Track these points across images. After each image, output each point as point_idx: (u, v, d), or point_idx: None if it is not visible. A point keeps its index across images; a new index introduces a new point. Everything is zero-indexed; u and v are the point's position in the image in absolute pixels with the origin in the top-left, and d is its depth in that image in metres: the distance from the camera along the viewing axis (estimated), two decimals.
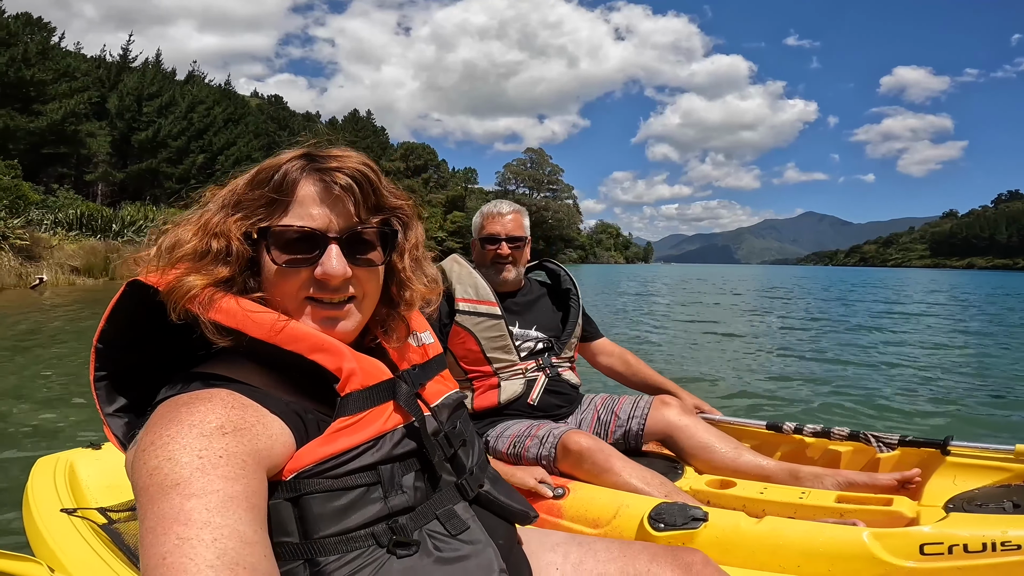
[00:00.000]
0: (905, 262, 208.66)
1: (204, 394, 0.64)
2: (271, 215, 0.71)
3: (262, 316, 0.69)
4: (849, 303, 16.20)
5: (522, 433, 1.78)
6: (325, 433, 0.67)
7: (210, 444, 0.58)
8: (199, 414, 0.61)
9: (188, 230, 0.72)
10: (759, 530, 1.31)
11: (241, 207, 0.72)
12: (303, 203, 0.71)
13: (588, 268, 77.83)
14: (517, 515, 0.86)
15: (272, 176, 0.71)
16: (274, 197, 0.71)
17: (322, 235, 0.71)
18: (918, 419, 4.06)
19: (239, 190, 0.73)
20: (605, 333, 2.26)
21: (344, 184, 0.72)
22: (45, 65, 29.26)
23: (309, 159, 0.73)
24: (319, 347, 0.69)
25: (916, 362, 6.43)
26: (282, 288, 0.72)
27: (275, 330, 0.68)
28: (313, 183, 0.72)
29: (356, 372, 0.70)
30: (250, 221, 0.71)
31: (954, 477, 1.57)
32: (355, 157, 0.74)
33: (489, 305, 1.90)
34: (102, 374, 0.73)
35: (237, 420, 0.62)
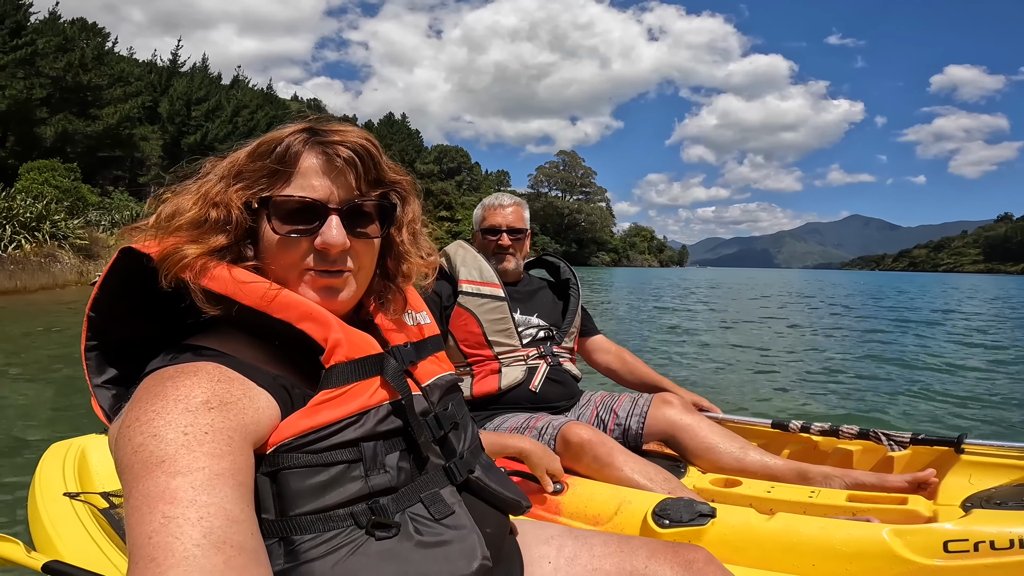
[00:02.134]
0: (957, 267, 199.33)
1: (190, 367, 0.63)
2: (272, 185, 0.72)
3: (254, 284, 0.69)
4: (886, 307, 15.72)
5: (520, 425, 1.75)
6: (307, 405, 0.66)
7: (196, 420, 0.58)
8: (184, 388, 0.60)
9: (188, 199, 0.72)
10: (771, 527, 1.25)
11: (242, 177, 0.72)
12: (305, 174, 0.72)
13: (620, 271, 77.04)
14: (509, 504, 0.85)
15: (275, 148, 0.72)
16: (276, 168, 0.72)
17: (323, 206, 0.72)
18: (930, 419, 4.00)
19: (240, 161, 0.73)
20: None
21: (346, 157, 0.73)
22: (101, 70, 30.78)
23: (312, 132, 0.74)
24: (307, 315, 0.69)
25: (936, 364, 6.30)
26: (282, 258, 0.72)
27: (266, 298, 0.68)
28: (316, 155, 0.73)
29: (342, 343, 0.70)
30: (251, 191, 0.72)
31: (970, 476, 1.52)
32: (356, 131, 0.76)
33: (493, 287, 1.90)
34: (93, 343, 0.73)
35: (223, 394, 0.61)
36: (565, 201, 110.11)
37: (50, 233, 15.30)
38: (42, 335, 7.41)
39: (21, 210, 14.89)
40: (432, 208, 68.85)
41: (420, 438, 0.73)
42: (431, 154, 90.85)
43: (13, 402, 4.10)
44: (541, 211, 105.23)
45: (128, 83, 32.90)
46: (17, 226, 14.40)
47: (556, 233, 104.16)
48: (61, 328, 7.84)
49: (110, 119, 29.65)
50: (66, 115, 28.07)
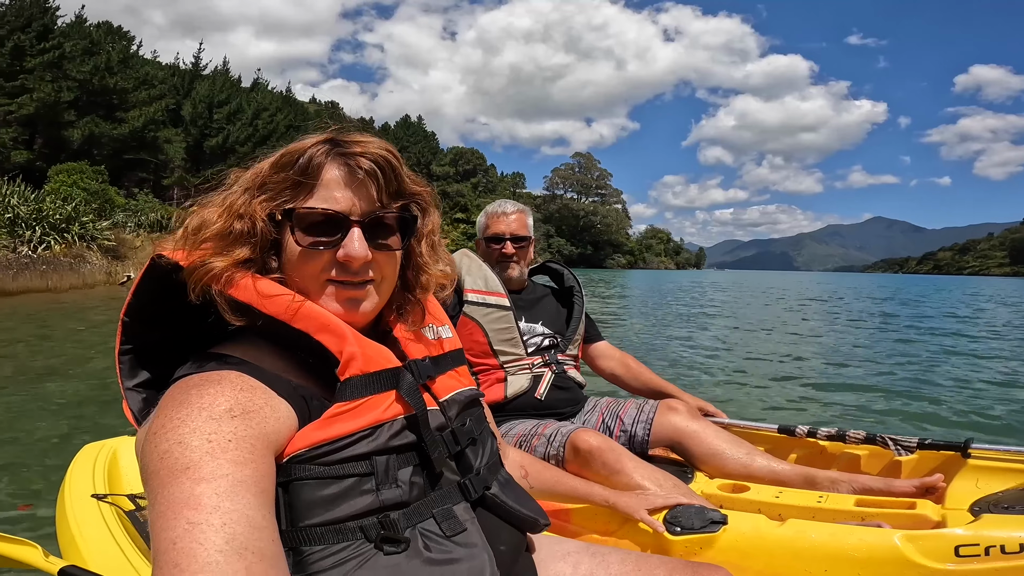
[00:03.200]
0: (983, 270, 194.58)
1: (214, 376, 0.64)
2: (296, 197, 0.73)
3: (278, 296, 0.70)
4: (902, 310, 15.49)
5: (528, 432, 1.74)
6: (321, 417, 0.67)
7: (219, 427, 0.59)
8: (209, 396, 0.61)
9: (213, 211, 0.73)
10: (782, 533, 1.25)
11: (266, 189, 0.73)
12: (328, 186, 0.73)
13: (636, 273, 76.61)
14: (525, 521, 0.83)
15: (297, 159, 0.73)
16: (300, 180, 0.72)
17: (345, 218, 0.72)
18: (937, 423, 3.95)
19: (264, 172, 0.74)
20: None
21: (368, 169, 0.73)
22: (126, 73, 31.57)
23: (333, 144, 0.74)
24: (325, 327, 0.70)
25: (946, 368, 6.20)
26: (304, 269, 0.73)
27: (290, 310, 0.69)
28: (338, 167, 0.73)
29: (357, 356, 0.70)
30: (275, 203, 0.73)
31: (977, 480, 1.52)
32: (377, 143, 0.76)
33: (498, 296, 1.90)
34: (127, 348, 0.75)
35: (246, 402, 0.62)
36: (581, 203, 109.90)
37: (79, 234, 15.76)
38: (84, 333, 7.64)
39: (51, 212, 15.36)
40: (448, 210, 69.20)
41: (434, 453, 0.72)
42: (447, 156, 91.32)
43: (56, 401, 4.23)
44: (557, 213, 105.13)
45: (152, 86, 33.69)
46: (47, 227, 14.85)
47: (572, 235, 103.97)
48: (96, 326, 8.04)
49: (135, 122, 30.35)
50: (93, 118, 28.79)
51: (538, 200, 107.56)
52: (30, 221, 14.67)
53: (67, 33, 29.68)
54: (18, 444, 3.27)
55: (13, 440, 3.35)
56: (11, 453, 3.11)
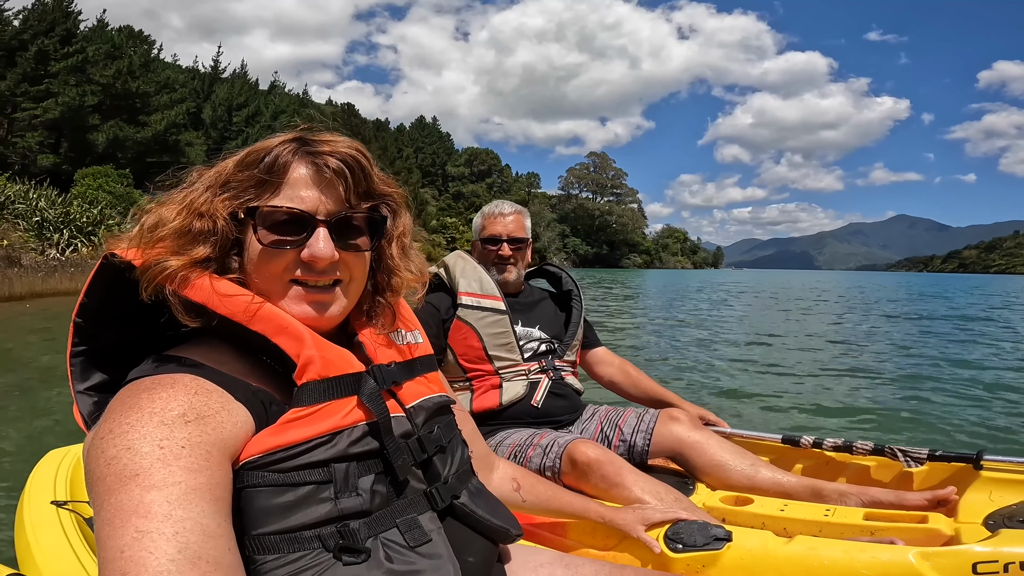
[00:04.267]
0: (1010, 268, 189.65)
1: (167, 379, 0.62)
2: (260, 195, 0.71)
3: (236, 297, 0.68)
4: (920, 311, 15.04)
5: (524, 442, 1.69)
6: (276, 423, 0.65)
7: (172, 433, 0.57)
8: (160, 401, 0.59)
9: (172, 209, 0.71)
10: (790, 551, 1.18)
11: (229, 187, 0.72)
12: (294, 185, 0.71)
13: (652, 273, 75.99)
14: (496, 532, 0.82)
15: (263, 157, 0.71)
16: (265, 178, 0.71)
17: (311, 217, 0.71)
18: (948, 433, 3.83)
19: (228, 171, 0.72)
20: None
21: (335, 168, 0.72)
22: (148, 77, 32.15)
23: (301, 142, 0.73)
24: (283, 329, 0.68)
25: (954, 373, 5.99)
26: (267, 269, 0.71)
27: (248, 311, 0.67)
28: (305, 166, 0.72)
29: (315, 361, 0.68)
30: (238, 201, 0.71)
31: (990, 492, 1.46)
32: (346, 142, 0.75)
33: (493, 300, 1.84)
34: (80, 349, 0.72)
35: (200, 407, 0.60)
36: (596, 203, 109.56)
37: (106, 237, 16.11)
38: None
39: (78, 215, 15.72)
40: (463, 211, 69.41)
41: (397, 461, 0.70)
42: (462, 157, 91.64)
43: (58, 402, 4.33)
44: (572, 213, 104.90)
45: (173, 89, 34.30)
46: (74, 230, 15.21)
47: (587, 235, 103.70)
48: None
49: (158, 125, 30.89)
50: (117, 122, 29.40)
51: (553, 200, 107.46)
52: (58, 224, 15.04)
53: (89, 37, 30.34)
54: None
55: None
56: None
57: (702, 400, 4.51)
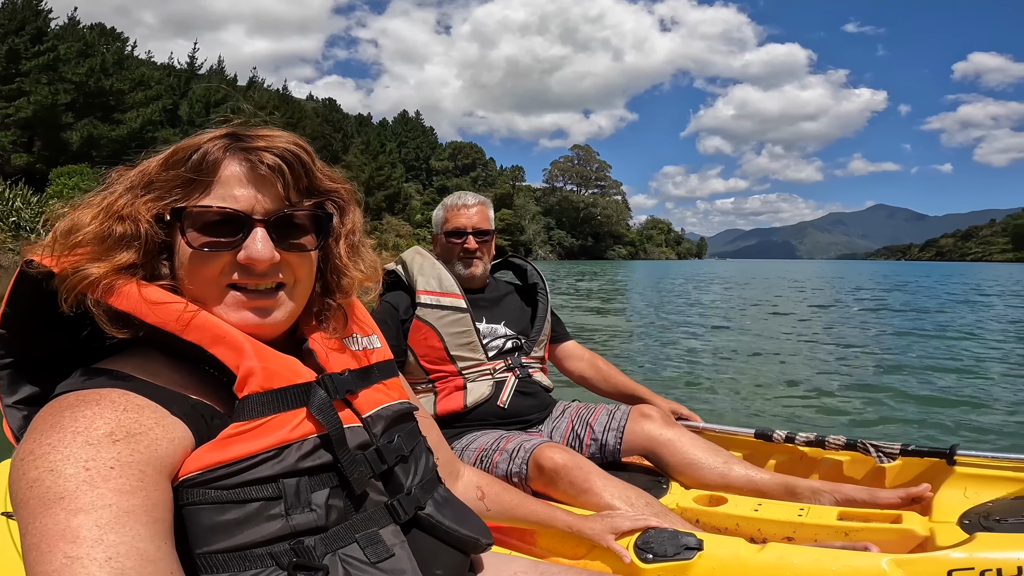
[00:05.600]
0: (985, 256, 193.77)
1: (92, 395, 0.58)
2: (188, 196, 0.67)
3: (167, 305, 0.64)
4: (895, 300, 15.19)
5: (490, 446, 1.63)
6: (217, 438, 0.61)
7: (98, 453, 0.54)
8: (84, 419, 0.55)
9: (88, 213, 0.66)
10: (762, 559, 1.16)
11: (153, 188, 0.67)
12: (226, 183, 0.67)
13: (637, 264, 76.55)
14: (466, 542, 0.79)
15: (190, 155, 0.67)
16: (192, 177, 0.66)
17: (246, 217, 0.67)
18: (921, 425, 3.81)
19: (152, 170, 0.68)
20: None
21: (272, 164, 0.68)
22: (122, 75, 31.61)
23: (233, 138, 0.69)
24: (220, 339, 0.64)
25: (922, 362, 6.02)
26: (200, 274, 0.67)
27: (181, 320, 0.63)
28: (238, 163, 0.68)
29: (256, 372, 0.64)
30: (163, 202, 0.66)
31: (965, 489, 1.45)
32: (285, 137, 0.71)
33: (453, 298, 1.77)
34: (7, 361, 0.68)
35: (130, 425, 0.56)
36: (580, 195, 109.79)
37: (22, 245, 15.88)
38: None
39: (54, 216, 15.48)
40: None
41: (353, 475, 0.67)
42: (445, 151, 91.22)
43: None
44: (556, 206, 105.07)
45: (148, 87, 33.72)
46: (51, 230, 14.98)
47: (572, 227, 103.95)
48: None
49: (133, 123, 30.40)
50: (91, 120, 28.86)
51: (538, 193, 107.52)
52: (34, 224, 14.79)
53: (61, 36, 29.72)
54: None
55: None
56: None
57: (673, 392, 4.53)
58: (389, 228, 54.42)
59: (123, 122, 30.32)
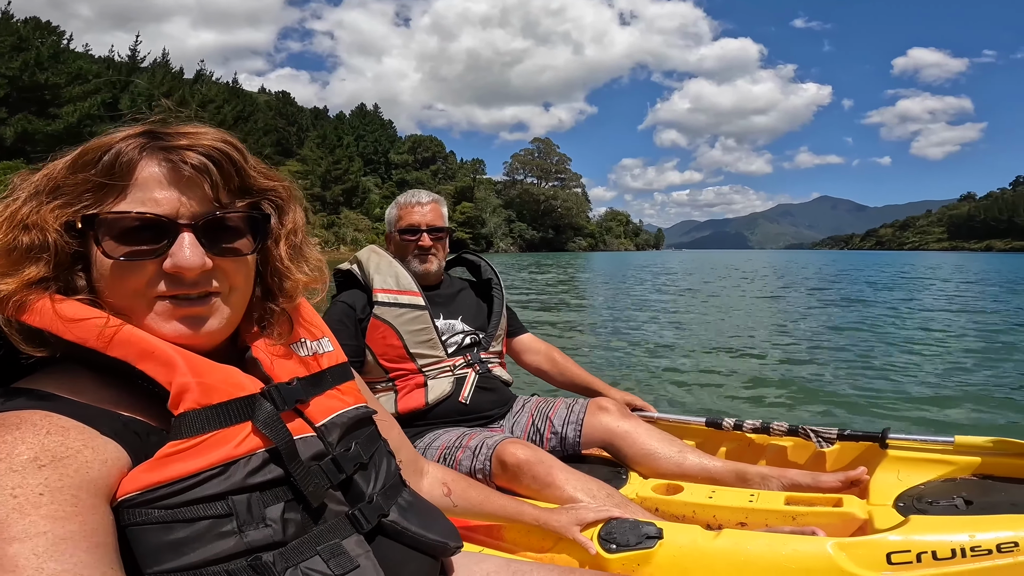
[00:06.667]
0: (922, 245, 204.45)
1: (11, 418, 0.55)
2: (101, 201, 0.61)
3: (85, 320, 0.59)
4: (835, 289, 15.70)
5: (453, 444, 1.65)
6: (153, 457, 0.58)
7: (24, 480, 0.51)
8: (6, 445, 0.52)
9: None
10: (718, 546, 1.23)
11: (61, 193, 0.61)
12: (144, 186, 0.62)
13: (598, 256, 77.39)
14: (434, 547, 0.77)
15: (100, 156, 0.61)
16: (103, 181, 0.61)
17: (170, 222, 0.62)
18: (858, 409, 3.90)
19: (58, 174, 0.62)
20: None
21: (197, 164, 0.63)
22: (58, 68, 30.13)
23: (151, 136, 0.63)
24: (148, 354, 0.60)
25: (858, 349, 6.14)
26: (122, 286, 0.62)
27: (103, 336, 0.59)
28: (157, 163, 0.62)
29: (191, 388, 0.60)
30: (72, 209, 0.61)
31: (898, 472, 1.55)
32: (212, 134, 0.66)
33: (411, 295, 1.78)
34: None
35: (56, 448, 0.53)
36: (541, 188, 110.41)
37: None
38: None
39: None
40: None
41: (308, 488, 0.65)
42: (405, 144, 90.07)
43: None
44: (517, 198, 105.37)
45: (87, 80, 32.22)
46: None
47: (533, 220, 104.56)
48: None
49: (70, 118, 29.08)
50: (25, 115, 27.46)
51: (498, 186, 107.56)
52: None
53: None
54: None
55: None
56: None
57: (625, 383, 4.68)
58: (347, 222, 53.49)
59: (59, 116, 28.86)
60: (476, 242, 79.42)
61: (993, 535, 1.16)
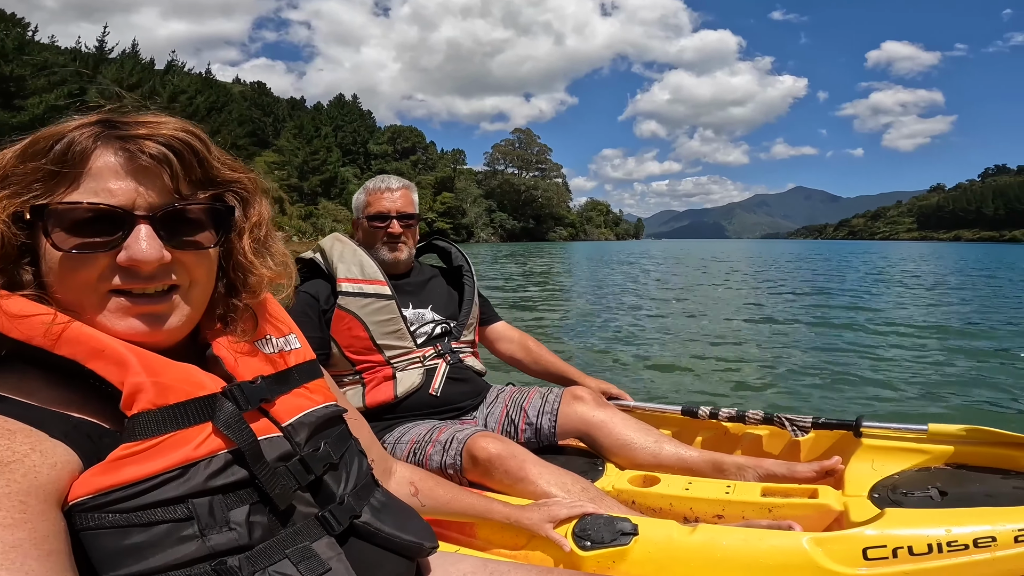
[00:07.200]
0: (893, 235, 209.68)
1: None
2: (51, 191, 0.59)
3: (31, 317, 0.57)
4: (807, 277, 16.07)
5: (423, 438, 1.60)
6: (106, 460, 0.55)
7: None
8: None
9: None
10: (694, 541, 1.21)
11: (8, 183, 0.59)
12: (99, 176, 0.59)
13: (578, 245, 77.78)
14: (409, 548, 0.75)
15: (52, 145, 0.59)
16: (54, 170, 0.59)
17: (126, 213, 0.60)
18: (832, 399, 3.91)
19: (6, 163, 0.60)
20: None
21: (156, 153, 0.60)
22: (23, 60, 29.36)
23: (107, 125, 0.61)
24: (99, 353, 0.58)
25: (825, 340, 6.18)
26: (73, 280, 0.59)
27: (50, 333, 0.57)
28: (113, 153, 0.60)
29: (146, 388, 0.58)
30: (21, 199, 0.59)
31: (872, 461, 1.54)
32: (172, 123, 0.63)
33: (377, 284, 1.71)
34: None
35: (2, 453, 0.51)
36: (522, 178, 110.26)
37: None
38: None
39: None
40: None
41: (274, 490, 0.63)
42: (384, 134, 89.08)
43: None
44: (498, 188, 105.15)
45: (53, 72, 31.35)
46: None
47: (514, 210, 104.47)
48: None
49: (36, 109, 28.31)
50: None
51: (479, 176, 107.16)
52: None
53: None
54: None
55: None
56: None
57: (595, 367, 4.69)
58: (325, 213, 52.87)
59: (25, 108, 28.01)
60: (457, 232, 79.06)
61: (970, 529, 1.14)
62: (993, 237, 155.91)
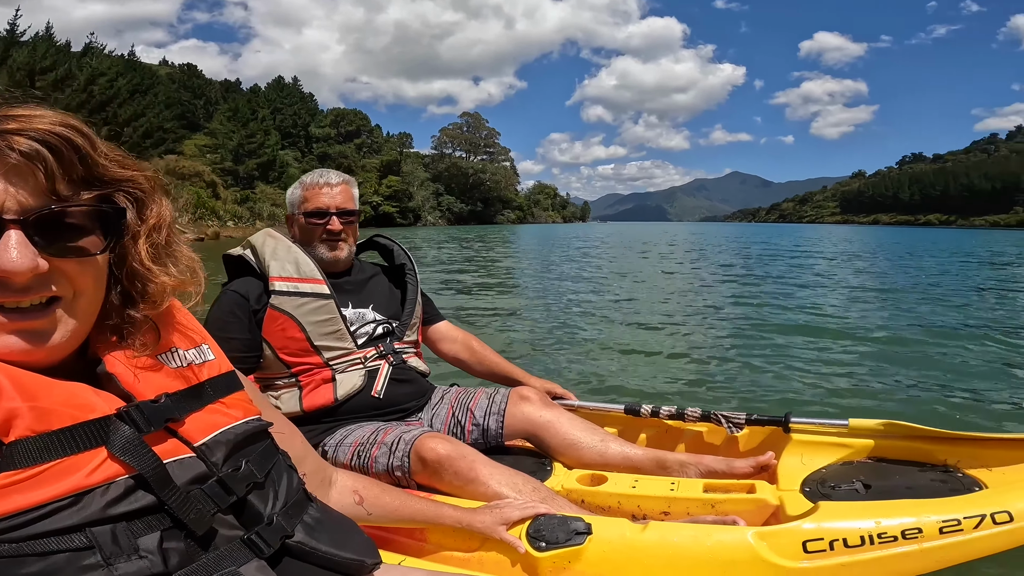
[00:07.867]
0: (818, 218, 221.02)
1: None
2: None
3: None
4: (737, 262, 16.07)
5: (367, 439, 1.56)
6: None
7: None
8: None
9: None
10: (646, 539, 1.25)
11: None
12: None
13: (525, 228, 77.84)
14: (348, 566, 0.72)
15: None
16: None
17: None
18: (762, 394, 3.83)
19: None
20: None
21: (27, 150, 0.54)
22: None
23: None
24: None
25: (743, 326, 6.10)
26: None
27: None
28: None
29: (22, 413, 0.52)
30: None
31: (801, 456, 1.60)
32: (49, 117, 0.57)
33: (314, 283, 1.64)
34: None
35: None
36: (469, 162, 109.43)
37: None
38: None
39: None
40: None
41: (188, 515, 0.58)
42: (327, 117, 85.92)
43: None
44: (446, 172, 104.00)
45: None
46: None
47: (461, 193, 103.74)
48: None
49: None
50: None
51: (426, 159, 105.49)
52: None
53: None
54: None
55: None
56: None
57: (535, 366, 4.56)
58: (264, 197, 50.82)
59: None
60: (404, 215, 77.85)
61: (898, 521, 1.21)
62: (908, 221, 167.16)
